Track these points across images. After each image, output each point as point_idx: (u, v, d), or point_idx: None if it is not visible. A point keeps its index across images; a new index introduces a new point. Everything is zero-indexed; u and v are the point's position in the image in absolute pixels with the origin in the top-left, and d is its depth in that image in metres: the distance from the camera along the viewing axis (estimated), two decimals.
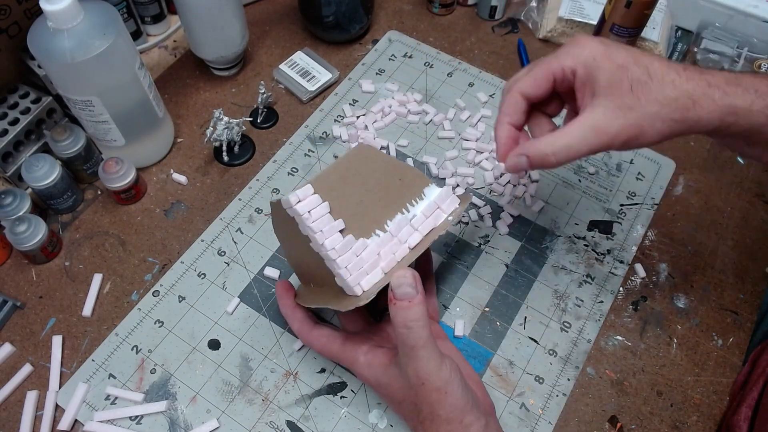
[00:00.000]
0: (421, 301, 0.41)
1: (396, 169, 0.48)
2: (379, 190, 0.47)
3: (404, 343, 0.41)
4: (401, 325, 0.41)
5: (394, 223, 0.46)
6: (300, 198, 0.43)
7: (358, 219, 0.45)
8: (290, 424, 0.52)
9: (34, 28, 0.53)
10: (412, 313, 0.40)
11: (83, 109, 0.57)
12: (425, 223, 0.47)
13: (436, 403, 0.42)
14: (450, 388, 0.42)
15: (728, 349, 0.57)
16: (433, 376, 0.41)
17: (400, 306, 0.40)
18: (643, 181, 0.66)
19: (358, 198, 0.46)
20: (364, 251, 0.44)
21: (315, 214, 0.43)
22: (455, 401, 0.42)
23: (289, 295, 0.51)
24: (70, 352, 0.56)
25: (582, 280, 0.60)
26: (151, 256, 0.61)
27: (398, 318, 0.41)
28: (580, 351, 0.56)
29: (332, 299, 0.46)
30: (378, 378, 0.46)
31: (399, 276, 0.41)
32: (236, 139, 0.66)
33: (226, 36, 0.68)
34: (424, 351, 0.41)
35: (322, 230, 0.43)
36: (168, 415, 0.53)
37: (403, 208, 0.47)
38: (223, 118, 0.64)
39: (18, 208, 0.59)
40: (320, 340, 0.49)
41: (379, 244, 0.45)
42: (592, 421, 0.53)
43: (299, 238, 0.45)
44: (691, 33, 0.78)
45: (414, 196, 0.48)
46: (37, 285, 0.60)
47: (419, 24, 0.80)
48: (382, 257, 0.45)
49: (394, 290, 0.41)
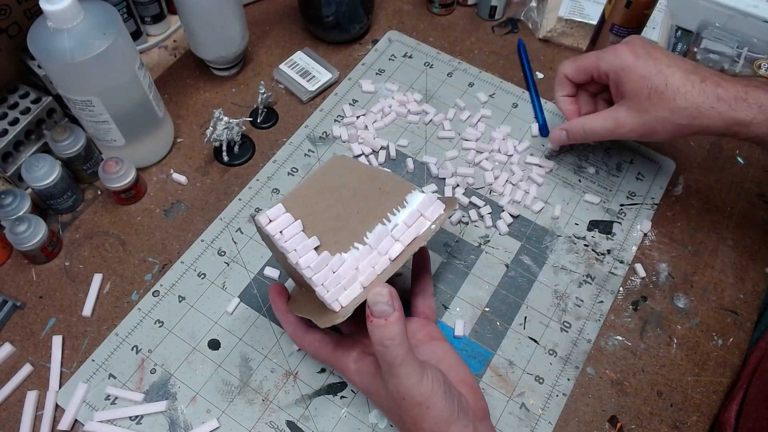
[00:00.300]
0: (398, 319, 0.40)
1: (374, 178, 0.47)
2: (357, 201, 0.46)
3: (382, 360, 0.41)
4: (378, 343, 0.40)
5: (373, 234, 0.45)
6: (270, 218, 0.43)
7: (334, 234, 0.44)
8: (290, 424, 0.52)
9: (34, 28, 0.53)
10: (388, 331, 0.40)
11: (83, 109, 0.57)
12: (407, 233, 0.46)
13: (418, 417, 0.42)
14: (432, 402, 0.41)
15: (728, 349, 0.57)
16: (413, 391, 0.41)
17: (376, 324, 0.40)
18: (643, 181, 0.66)
19: (334, 212, 0.45)
20: (341, 267, 0.44)
21: (287, 234, 0.43)
22: (438, 414, 0.41)
23: (282, 299, 0.51)
24: (70, 352, 0.56)
25: (582, 280, 0.60)
26: (151, 256, 0.61)
27: (375, 336, 0.40)
28: (580, 351, 0.56)
29: (315, 311, 0.45)
30: (367, 386, 0.46)
31: (375, 293, 0.40)
32: (236, 139, 0.66)
33: (226, 36, 0.68)
34: (401, 368, 0.41)
35: (295, 249, 0.43)
36: (168, 415, 0.53)
37: (384, 218, 0.46)
38: (223, 118, 0.64)
39: (18, 208, 0.59)
40: (312, 345, 0.49)
41: (358, 257, 0.44)
42: (592, 421, 0.53)
43: (281, 253, 0.45)
44: (691, 33, 0.78)
45: (395, 205, 0.46)
46: (37, 285, 0.60)
47: (419, 24, 0.80)
48: (360, 271, 0.44)
49: (370, 307, 0.40)
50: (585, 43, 0.76)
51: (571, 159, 0.67)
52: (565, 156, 0.68)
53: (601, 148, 0.68)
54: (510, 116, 0.71)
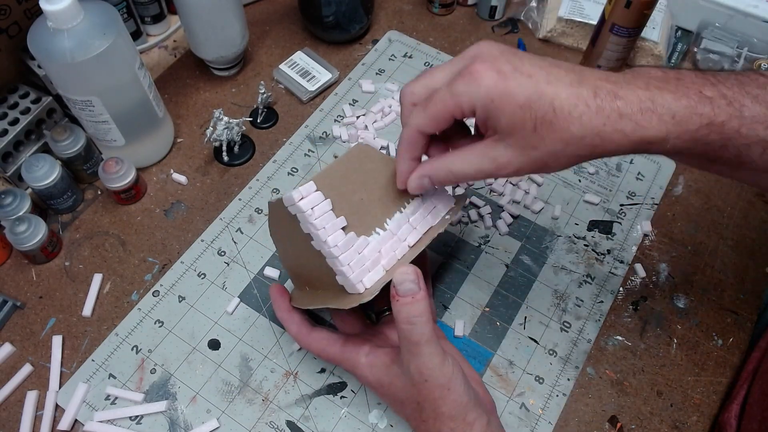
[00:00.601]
0: (424, 297, 0.41)
1: (393, 167, 0.48)
2: (379, 188, 0.47)
3: (407, 339, 0.41)
4: (405, 321, 0.41)
5: (393, 221, 0.46)
6: (303, 195, 0.43)
7: (359, 217, 0.45)
8: (290, 424, 0.52)
9: (34, 28, 0.53)
10: (414, 308, 0.40)
11: (83, 109, 0.57)
12: (423, 222, 0.47)
13: (439, 400, 0.42)
14: (453, 385, 0.42)
15: (728, 349, 0.57)
16: (436, 372, 0.41)
17: (403, 302, 0.40)
18: (643, 181, 0.66)
19: (359, 196, 0.46)
20: (365, 249, 0.44)
21: (317, 212, 0.43)
22: (458, 398, 0.42)
23: (284, 298, 0.51)
24: (70, 352, 0.56)
25: (582, 280, 0.60)
26: (151, 256, 0.61)
27: (402, 314, 0.41)
28: (580, 351, 0.56)
29: (331, 299, 0.46)
30: (380, 378, 0.46)
31: (401, 272, 0.41)
32: (236, 139, 0.66)
33: (226, 36, 0.68)
34: (427, 347, 0.41)
35: (324, 227, 0.43)
36: (168, 415, 0.53)
37: (402, 207, 0.47)
38: (223, 118, 0.64)
39: (18, 208, 0.59)
40: (320, 343, 0.49)
41: (380, 241, 0.45)
42: (592, 421, 0.53)
43: (298, 237, 0.45)
44: (691, 33, 0.78)
45: (411, 195, 0.48)
46: (37, 285, 0.60)
47: (419, 24, 0.80)
48: (383, 255, 0.45)
49: (396, 287, 0.41)
50: (585, 43, 0.76)
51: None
52: None
53: None
54: None
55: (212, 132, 0.64)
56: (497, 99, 0.38)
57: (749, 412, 0.50)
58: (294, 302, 0.51)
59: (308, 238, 0.44)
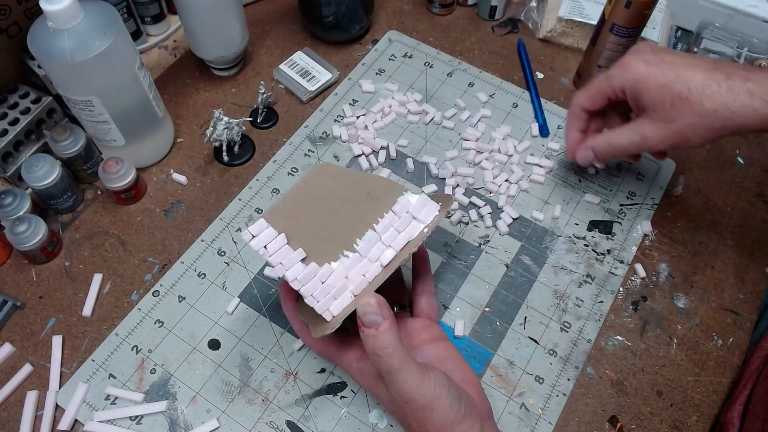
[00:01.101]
0: (389, 327, 0.40)
1: (362, 183, 0.46)
2: (345, 208, 0.45)
3: (379, 367, 0.41)
4: (371, 352, 0.40)
5: (363, 241, 0.44)
6: (253, 234, 0.43)
7: (322, 244, 0.44)
8: (290, 424, 0.52)
9: (34, 28, 0.53)
10: (379, 341, 0.40)
11: (83, 109, 0.57)
12: (398, 238, 0.45)
13: (423, 420, 0.41)
14: (436, 404, 0.41)
15: (728, 349, 0.57)
16: (415, 395, 0.41)
17: (368, 334, 0.40)
18: (643, 181, 0.66)
19: (321, 221, 0.44)
20: (329, 277, 0.43)
21: (272, 248, 0.43)
22: (443, 416, 0.41)
23: (292, 296, 0.51)
24: (70, 352, 0.56)
25: (582, 280, 0.60)
26: (151, 256, 0.61)
27: (367, 346, 0.40)
28: (580, 351, 0.56)
29: (313, 319, 0.45)
30: (369, 386, 0.46)
31: (363, 304, 0.40)
32: (236, 139, 0.66)
33: (226, 36, 0.68)
34: (399, 375, 0.40)
35: (281, 263, 0.43)
36: (168, 415, 0.53)
37: (374, 224, 0.45)
38: (223, 118, 0.64)
39: (18, 208, 0.59)
40: (317, 343, 0.49)
41: (348, 266, 0.44)
42: (592, 421, 0.53)
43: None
44: (691, 33, 0.78)
45: (385, 209, 0.45)
46: (37, 285, 0.60)
47: (419, 24, 0.80)
48: (350, 280, 0.44)
49: (360, 318, 0.40)
50: (585, 43, 0.76)
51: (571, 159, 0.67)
52: (565, 156, 0.68)
53: None
54: (510, 116, 0.71)
55: (212, 132, 0.64)
56: (641, 80, 0.49)
57: (752, 412, 0.50)
58: (299, 303, 0.51)
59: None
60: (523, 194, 0.65)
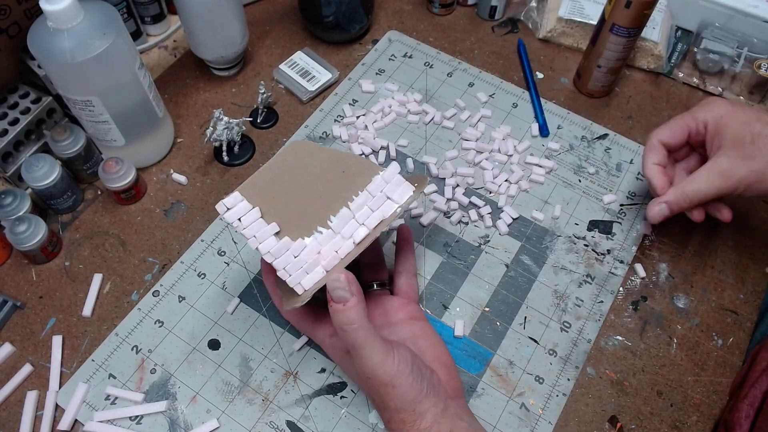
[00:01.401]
0: (356, 304, 0.41)
1: (338, 162, 0.47)
2: (320, 185, 0.46)
3: (345, 342, 0.43)
4: (338, 327, 0.42)
5: (337, 218, 0.45)
6: (228, 206, 0.43)
7: (296, 219, 0.45)
8: (290, 424, 0.52)
9: (34, 28, 0.53)
10: (346, 316, 0.41)
11: (83, 109, 0.57)
12: (372, 217, 0.45)
13: (384, 395, 0.43)
14: (397, 382, 0.42)
15: (728, 349, 0.57)
16: (377, 371, 0.42)
17: (336, 309, 0.41)
18: (643, 181, 0.66)
19: (295, 197, 0.45)
20: (302, 251, 0.44)
21: (246, 221, 0.43)
22: (404, 393, 0.43)
23: (272, 270, 0.52)
24: (70, 352, 0.56)
25: (582, 280, 0.60)
26: (151, 256, 0.61)
27: (335, 320, 0.42)
28: (580, 351, 0.56)
29: (288, 292, 0.46)
30: (339, 361, 0.48)
31: (333, 280, 0.41)
32: (236, 139, 0.66)
33: (226, 36, 0.68)
34: (364, 350, 0.42)
35: (255, 236, 0.43)
36: (168, 415, 0.53)
37: (349, 201, 0.46)
38: (223, 118, 0.64)
39: (18, 208, 0.59)
40: (294, 316, 0.51)
41: (321, 241, 0.45)
42: (592, 421, 0.53)
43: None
44: (691, 33, 0.78)
45: (360, 188, 0.46)
46: (37, 285, 0.60)
47: (419, 24, 0.80)
48: (323, 255, 0.44)
49: (329, 292, 0.42)
50: (585, 43, 0.76)
51: (571, 159, 0.67)
52: (565, 156, 0.68)
53: (601, 148, 0.68)
54: (510, 116, 0.71)
55: (212, 132, 0.64)
56: (725, 116, 0.52)
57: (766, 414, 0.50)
58: (278, 277, 0.51)
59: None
60: (523, 194, 0.65)
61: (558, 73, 0.75)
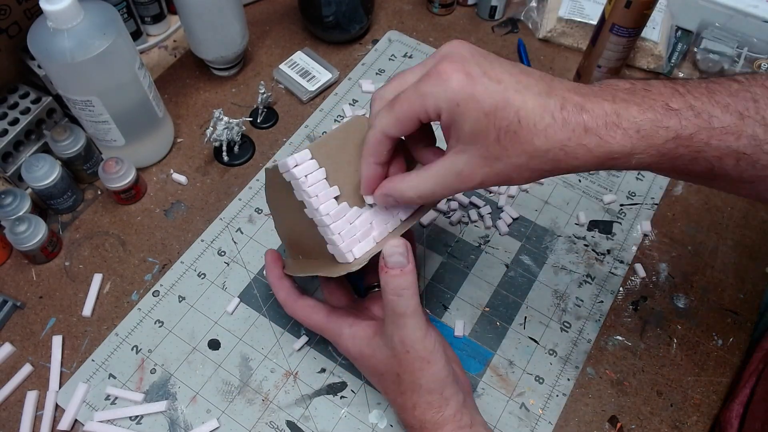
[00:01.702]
0: (411, 270, 0.42)
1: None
2: None
3: (393, 310, 0.42)
4: (392, 292, 0.42)
5: None
6: (297, 162, 0.43)
7: (352, 188, 0.45)
8: (290, 424, 0.52)
9: (34, 28, 0.53)
10: (402, 281, 0.41)
11: (83, 109, 0.57)
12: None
13: (419, 371, 0.43)
14: (433, 358, 0.43)
15: (728, 349, 0.57)
16: (418, 344, 0.43)
17: (391, 274, 0.41)
18: (643, 181, 0.66)
19: (354, 167, 0.45)
20: (357, 219, 0.45)
21: (311, 179, 0.43)
22: (437, 372, 0.43)
23: (278, 264, 0.52)
24: (70, 352, 0.56)
25: (582, 280, 0.60)
26: (151, 256, 0.61)
27: (389, 285, 0.42)
28: (580, 351, 0.56)
29: (322, 267, 0.47)
30: (362, 350, 0.47)
31: (392, 245, 0.41)
32: (236, 139, 0.66)
33: (226, 36, 0.68)
34: (411, 319, 0.42)
35: (317, 195, 0.43)
36: (168, 415, 0.53)
37: None
38: (223, 118, 0.64)
39: (18, 208, 0.59)
40: (305, 311, 0.50)
41: (372, 214, 0.45)
42: (592, 421, 0.53)
43: (293, 204, 0.46)
44: (691, 33, 0.78)
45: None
46: (37, 285, 0.60)
47: (419, 24, 0.80)
48: (374, 227, 0.45)
49: (386, 258, 0.42)
50: (585, 43, 0.76)
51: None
52: None
53: None
54: None
55: (212, 132, 0.64)
56: (462, 103, 0.37)
57: (753, 412, 0.50)
58: (287, 269, 0.51)
59: (302, 205, 0.45)
60: (523, 194, 0.65)
61: (558, 73, 0.75)
